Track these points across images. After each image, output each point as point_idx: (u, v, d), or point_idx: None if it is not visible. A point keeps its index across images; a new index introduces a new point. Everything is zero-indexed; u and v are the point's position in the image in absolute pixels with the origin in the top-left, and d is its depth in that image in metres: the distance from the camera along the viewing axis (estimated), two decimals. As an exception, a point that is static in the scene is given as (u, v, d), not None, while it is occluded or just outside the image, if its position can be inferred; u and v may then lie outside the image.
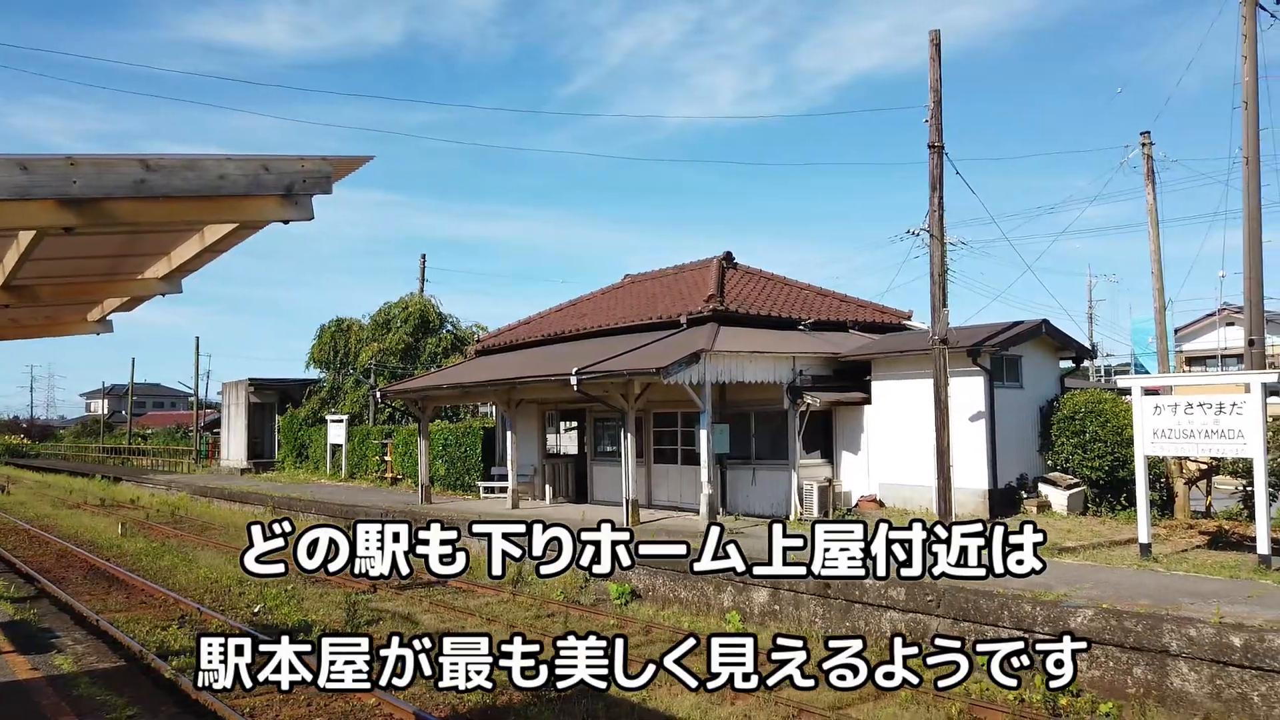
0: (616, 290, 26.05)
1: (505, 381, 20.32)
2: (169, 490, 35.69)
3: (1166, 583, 11.05)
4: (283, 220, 3.90)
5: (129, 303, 6.32)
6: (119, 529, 23.89)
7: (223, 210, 3.78)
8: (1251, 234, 18.70)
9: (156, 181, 3.37)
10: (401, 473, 31.07)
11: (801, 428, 18.03)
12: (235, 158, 3.56)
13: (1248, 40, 19.17)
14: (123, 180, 3.31)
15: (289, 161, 3.66)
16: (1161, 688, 8.89)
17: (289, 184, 3.66)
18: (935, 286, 15.45)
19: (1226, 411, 12.17)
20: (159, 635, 12.42)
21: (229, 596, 15.18)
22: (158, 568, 18.24)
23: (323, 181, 3.72)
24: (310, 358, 40.53)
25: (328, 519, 23.05)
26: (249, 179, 3.58)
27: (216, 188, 3.51)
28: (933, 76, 15.65)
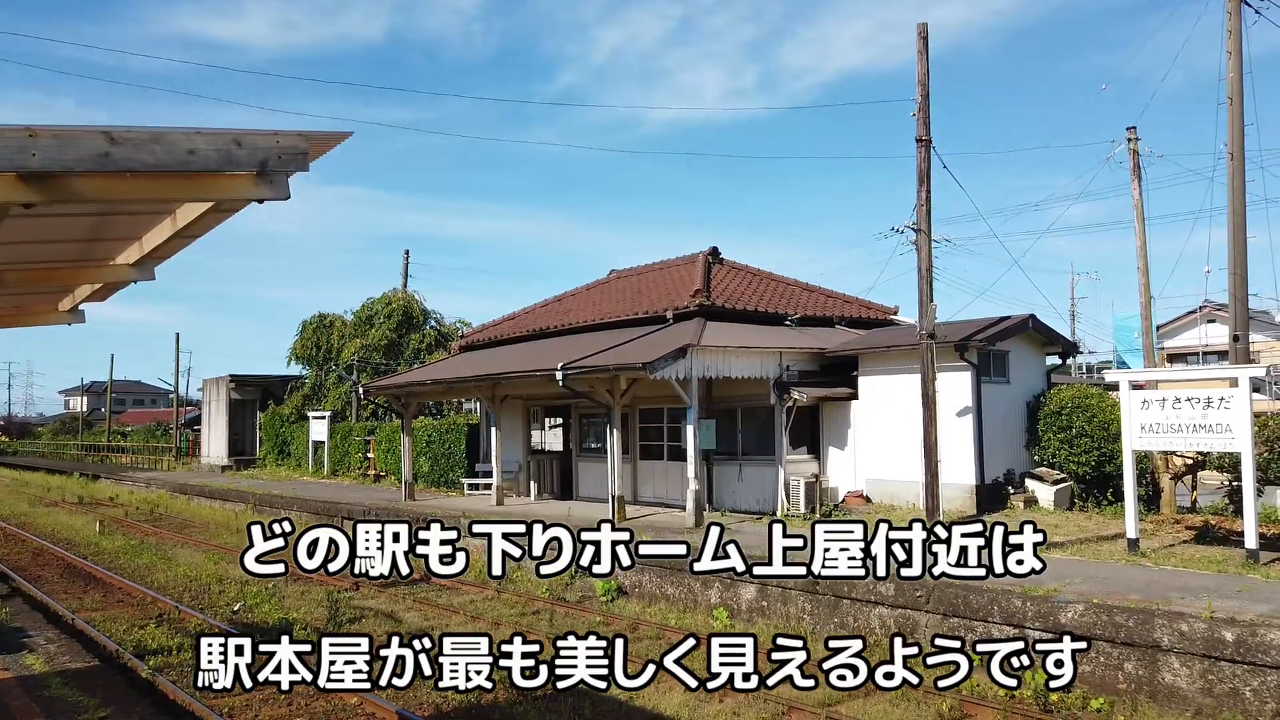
0: (602, 286, 25.88)
1: (490, 377, 20.12)
2: (148, 488, 35.28)
3: (1155, 578, 11.00)
4: (258, 199, 3.73)
5: (101, 291, 6.12)
6: (97, 527, 23.57)
7: (193, 188, 3.60)
8: (1236, 229, 18.73)
9: (121, 155, 3.20)
10: (384, 470, 30.81)
11: (788, 423, 17.92)
12: (205, 131, 3.39)
13: (1232, 36, 19.18)
14: (85, 153, 3.13)
15: (263, 136, 3.49)
16: (1153, 683, 8.82)
17: (263, 159, 3.48)
18: (923, 281, 15.36)
19: (1214, 406, 12.14)
20: (136, 634, 12.18)
21: (208, 595, 14.94)
22: (135, 566, 17.97)
23: (298, 158, 3.55)
24: (292, 354, 40.17)
25: (311, 516, 22.78)
26: (220, 154, 3.40)
27: (186, 163, 3.33)
28: (920, 70, 15.55)
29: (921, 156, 15.41)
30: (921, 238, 15.37)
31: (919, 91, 15.51)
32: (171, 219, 4.59)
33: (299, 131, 3.50)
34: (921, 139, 15.41)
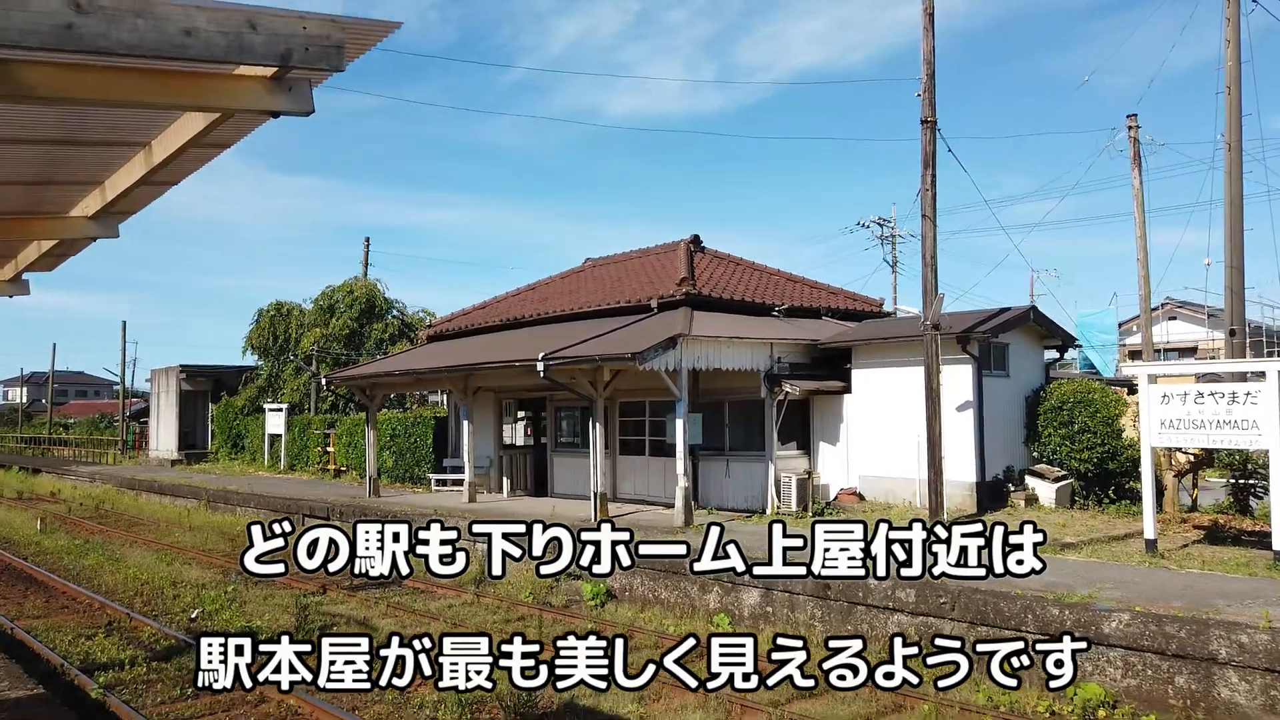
0: (577, 274, 24.92)
1: (464, 368, 19.11)
2: (93, 482, 33.59)
3: (1187, 582, 10.42)
4: (271, 112, 2.81)
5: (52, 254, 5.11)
6: (38, 524, 22.17)
7: (186, 89, 2.66)
8: (1233, 221, 18.35)
9: (90, 29, 2.26)
10: (345, 464, 29.55)
11: (779, 418, 17.17)
12: (208, 6, 2.46)
13: (1230, 24, 18.80)
14: (40, 22, 2.19)
15: (285, 19, 2.57)
16: (1208, 698, 8.19)
17: (284, 51, 2.56)
18: (927, 270, 14.69)
19: (1240, 401, 11.60)
20: (83, 645, 11.10)
21: (162, 599, 13.80)
22: (81, 567, 16.73)
23: (330, 54, 2.63)
24: (247, 343, 38.53)
25: (270, 515, 21.55)
26: (228, 40, 2.47)
27: (181, 48, 2.40)
28: (926, 48, 14.87)
29: (926, 139, 14.72)
30: (926, 224, 14.70)
31: (924, 70, 14.83)
32: (145, 153, 3.63)
33: (332, 17, 2.58)
34: (927, 120, 14.73)
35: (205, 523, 22.19)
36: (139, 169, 3.78)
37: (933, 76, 14.77)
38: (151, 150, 3.65)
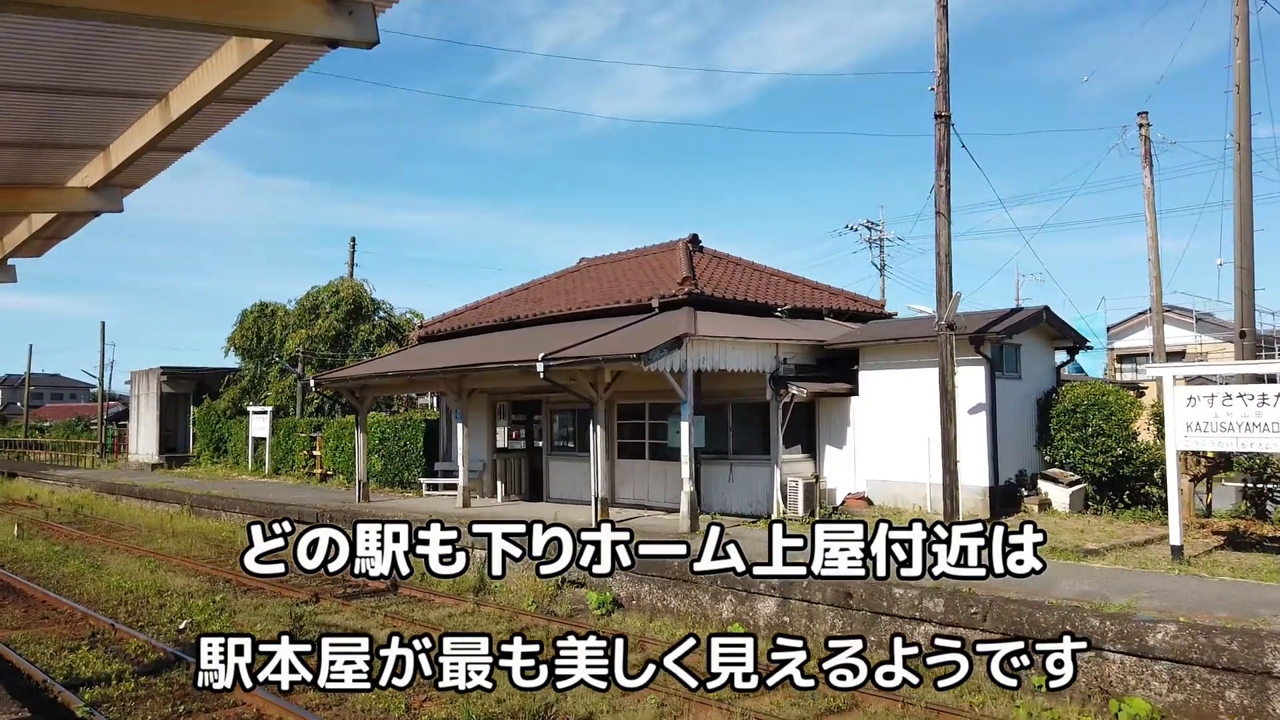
0: (573, 274, 24.42)
1: (459, 369, 18.57)
2: (71, 487, 32.73)
3: (1222, 590, 10.06)
4: (329, 40, 2.31)
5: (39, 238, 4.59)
6: (15, 530, 21.45)
7: (230, 5, 2.17)
8: (1243, 221, 18.11)
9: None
10: (332, 468, 28.90)
11: (784, 420, 16.74)
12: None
13: (1239, 22, 18.57)
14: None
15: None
16: (1264, 714, 7.79)
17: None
18: (941, 268, 14.32)
19: (1270, 403, 11.27)
20: (66, 659, 10.51)
21: (147, 609, 13.20)
22: (61, 575, 16.08)
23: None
24: (230, 344, 37.76)
25: (255, 519, 20.90)
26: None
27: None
28: (939, 41, 14.51)
29: (941, 134, 14.36)
30: (940, 220, 14.32)
31: (938, 64, 14.47)
32: (160, 106, 3.11)
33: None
34: (941, 115, 14.37)
35: (189, 528, 21.53)
36: (152, 126, 3.27)
37: (946, 70, 14.42)
38: (168, 103, 3.15)
